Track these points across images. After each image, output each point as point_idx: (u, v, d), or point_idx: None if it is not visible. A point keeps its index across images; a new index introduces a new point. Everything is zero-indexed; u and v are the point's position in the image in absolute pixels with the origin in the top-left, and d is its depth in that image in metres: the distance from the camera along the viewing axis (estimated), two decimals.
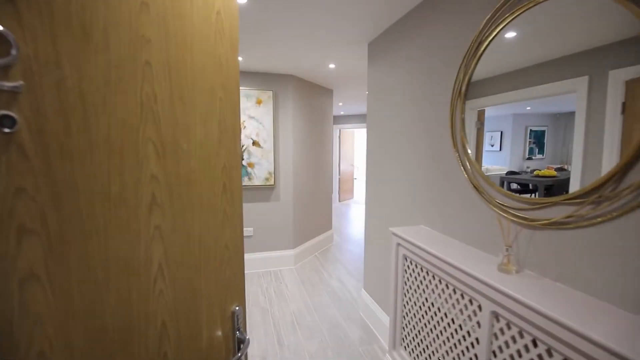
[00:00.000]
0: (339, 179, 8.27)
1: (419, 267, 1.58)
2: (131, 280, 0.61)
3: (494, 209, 1.31)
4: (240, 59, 2.98)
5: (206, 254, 0.75)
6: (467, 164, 1.46)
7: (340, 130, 8.14)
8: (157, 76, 0.62)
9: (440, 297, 1.42)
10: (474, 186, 1.41)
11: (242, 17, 2.07)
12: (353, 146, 8.85)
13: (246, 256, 3.64)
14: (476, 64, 1.38)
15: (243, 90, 3.40)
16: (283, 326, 2.58)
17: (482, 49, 1.33)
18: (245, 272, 3.63)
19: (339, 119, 8.01)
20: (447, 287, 1.36)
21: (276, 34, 2.36)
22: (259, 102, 3.46)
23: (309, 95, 3.99)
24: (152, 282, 0.64)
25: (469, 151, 1.45)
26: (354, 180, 9.23)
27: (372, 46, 2.48)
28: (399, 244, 1.75)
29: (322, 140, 4.39)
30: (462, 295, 1.27)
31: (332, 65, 3.21)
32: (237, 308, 0.83)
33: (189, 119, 0.69)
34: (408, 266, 1.68)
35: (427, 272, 1.51)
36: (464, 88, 1.45)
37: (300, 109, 3.82)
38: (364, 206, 7.64)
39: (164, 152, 0.64)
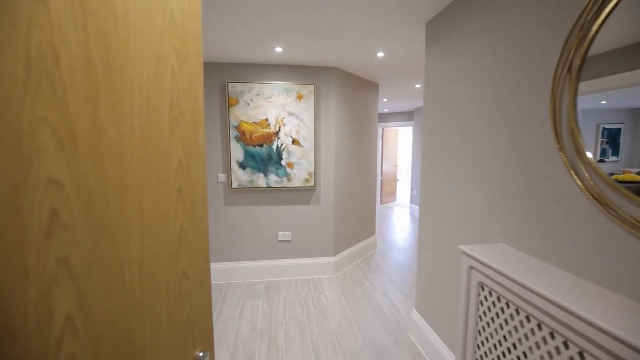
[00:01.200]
0: (381, 180, 7.84)
1: (503, 300, 1.20)
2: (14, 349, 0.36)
3: (631, 230, 0.90)
4: (279, 49, 2.75)
5: (152, 287, 0.51)
6: (582, 167, 1.06)
7: (383, 129, 7.71)
8: (61, 22, 0.37)
9: (538, 347, 1.04)
10: (594, 197, 1.01)
11: (283, 3, 1.81)
12: (396, 146, 8.36)
13: (284, 262, 3.42)
14: (600, 26, 0.98)
15: (282, 84, 3.17)
16: (323, 347, 2.30)
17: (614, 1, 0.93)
18: (283, 279, 3.41)
19: (382, 117, 7.59)
20: (553, 338, 0.98)
21: (321, 21, 2.08)
22: (299, 97, 3.21)
23: (353, 90, 3.67)
24: (55, 345, 0.39)
25: (587, 152, 1.05)
26: (397, 181, 8.73)
27: (431, 26, 2.10)
28: (472, 267, 1.38)
29: (366, 139, 4.05)
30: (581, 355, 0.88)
31: (380, 54, 2.87)
32: (201, 354, 0.57)
33: (120, 94, 0.44)
34: (486, 297, 1.31)
35: (517, 311, 1.13)
36: (576, 63, 1.05)
37: (343, 104, 3.52)
38: (408, 210, 7.16)
39: (74, 142, 0.39)
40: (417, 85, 4.33)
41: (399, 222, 6.21)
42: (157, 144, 0.49)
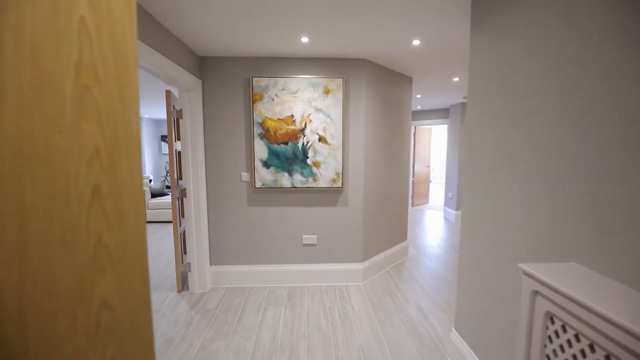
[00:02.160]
0: (413, 181, 7.45)
1: (584, 341, 0.92)
2: None
3: None
4: (305, 40, 2.55)
5: (44, 327, 0.35)
6: None
7: (415, 127, 7.32)
8: None
9: None
10: None
11: None
12: (429, 145, 7.93)
13: (309, 267, 3.22)
14: None
15: (308, 78, 2.98)
16: None
17: None
18: (308, 284, 3.22)
19: (415, 115, 7.21)
20: None
21: (350, 5, 1.86)
22: (326, 91, 3.01)
23: (385, 84, 3.41)
24: None
25: None
26: (429, 183, 8.28)
27: (478, 4, 1.81)
28: (537, 293, 1.10)
29: (399, 137, 3.76)
30: None
31: (416, 42, 2.59)
32: None
33: None
34: (557, 333, 1.02)
35: (607, 358, 0.85)
36: None
37: (374, 99, 3.27)
38: (441, 213, 6.70)
39: None
40: (456, 79, 3.98)
41: (432, 226, 5.83)
42: (53, 123, 0.32)
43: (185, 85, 2.79)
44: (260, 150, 3.06)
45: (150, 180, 8.22)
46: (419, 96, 5.26)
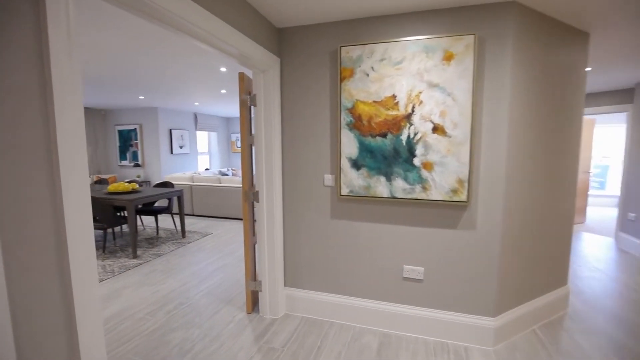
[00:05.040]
0: None
1: None
2: None
3: None
4: None
5: None
6: None
7: None
8: None
9: None
10: None
11: None
12: (590, 142, 5.77)
13: (410, 310, 2.29)
14: None
15: (420, 40, 2.05)
16: None
17: None
18: (407, 334, 2.28)
19: None
20: None
21: None
22: (447, 57, 2.01)
23: (543, 43, 2.19)
24: None
25: None
26: (588, 195, 6.06)
27: None
28: None
29: (564, 129, 2.43)
30: None
31: None
32: None
33: None
34: None
35: None
36: None
37: (525, 68, 2.09)
38: (611, 241, 4.48)
39: None
40: None
41: (600, 260, 4.01)
42: None
43: (261, 64, 2.23)
44: (349, 145, 2.27)
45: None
46: (588, 69, 3.62)
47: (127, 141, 8.28)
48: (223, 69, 4.00)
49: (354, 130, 2.25)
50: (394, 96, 2.14)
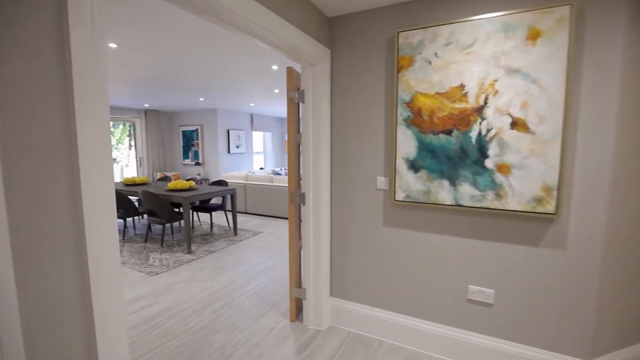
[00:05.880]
0: None
1: None
2: None
3: None
4: None
5: None
6: None
7: None
8: None
9: None
10: None
11: None
12: None
13: (475, 338, 1.95)
14: None
15: (496, 17, 1.70)
16: None
17: None
18: None
19: None
20: None
21: None
22: (532, 36, 1.64)
23: None
24: None
25: None
26: None
27: None
28: None
29: None
30: None
31: None
32: None
33: None
34: None
35: None
36: None
37: None
38: None
39: None
40: None
41: None
42: None
43: (310, 57, 2.07)
44: (406, 143, 2.00)
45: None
46: None
47: (189, 141, 8.82)
48: (275, 67, 3.95)
49: (413, 127, 1.97)
50: (461, 86, 1.82)
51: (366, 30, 2.11)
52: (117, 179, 8.12)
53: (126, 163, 8.70)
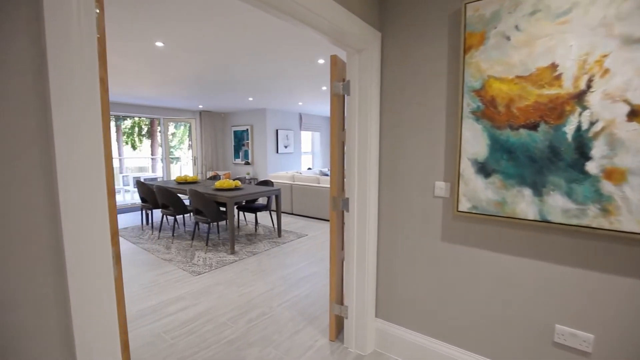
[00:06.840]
0: None
1: None
2: None
3: None
4: None
5: None
6: None
7: None
8: None
9: None
10: None
11: None
12: None
13: None
14: None
15: None
16: None
17: None
18: None
19: None
20: None
21: None
22: None
23: None
24: None
25: None
26: None
27: None
28: None
29: None
30: None
31: None
32: None
33: None
34: None
35: None
36: None
37: None
38: None
39: None
40: None
41: None
42: None
43: (356, 41, 1.79)
44: (475, 141, 1.62)
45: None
46: None
47: (240, 141, 9.02)
48: (321, 61, 3.72)
49: (483, 121, 1.58)
50: (553, 66, 1.39)
51: (425, 6, 1.76)
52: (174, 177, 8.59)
53: (186, 162, 9.14)
